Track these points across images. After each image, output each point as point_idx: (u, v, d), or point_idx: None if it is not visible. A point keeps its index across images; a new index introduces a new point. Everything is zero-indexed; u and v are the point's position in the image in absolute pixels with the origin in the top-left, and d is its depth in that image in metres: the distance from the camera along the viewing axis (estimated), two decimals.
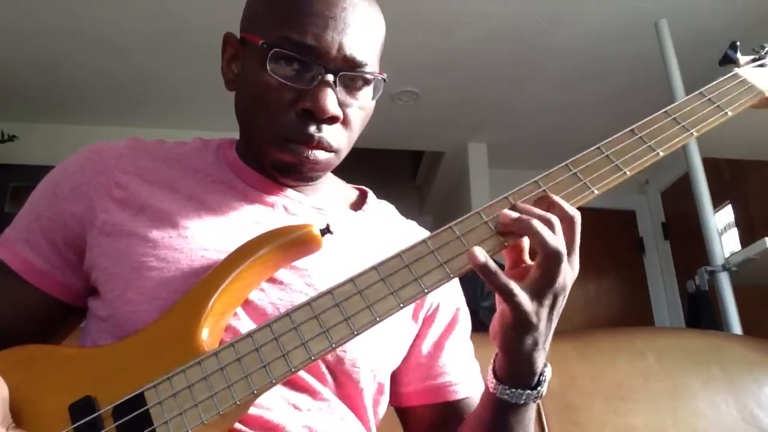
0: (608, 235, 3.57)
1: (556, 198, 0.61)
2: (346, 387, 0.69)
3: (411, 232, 0.83)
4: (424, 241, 0.60)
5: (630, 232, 3.85)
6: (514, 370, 0.63)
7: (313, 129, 0.67)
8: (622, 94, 3.12)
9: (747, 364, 1.23)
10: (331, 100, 0.66)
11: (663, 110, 0.69)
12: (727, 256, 1.79)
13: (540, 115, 3.35)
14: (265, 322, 0.59)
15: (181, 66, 2.94)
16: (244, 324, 0.64)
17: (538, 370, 0.63)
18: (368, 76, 0.70)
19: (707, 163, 1.91)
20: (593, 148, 0.66)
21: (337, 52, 0.67)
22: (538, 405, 1.12)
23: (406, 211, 0.90)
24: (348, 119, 0.70)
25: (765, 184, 2.72)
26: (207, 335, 0.59)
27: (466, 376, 0.79)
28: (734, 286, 1.76)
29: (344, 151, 0.73)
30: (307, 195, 0.77)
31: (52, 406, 0.56)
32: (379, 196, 0.86)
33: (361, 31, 0.69)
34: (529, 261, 0.63)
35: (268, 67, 0.66)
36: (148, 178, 0.72)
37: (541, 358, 0.62)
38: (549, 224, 0.58)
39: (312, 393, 0.66)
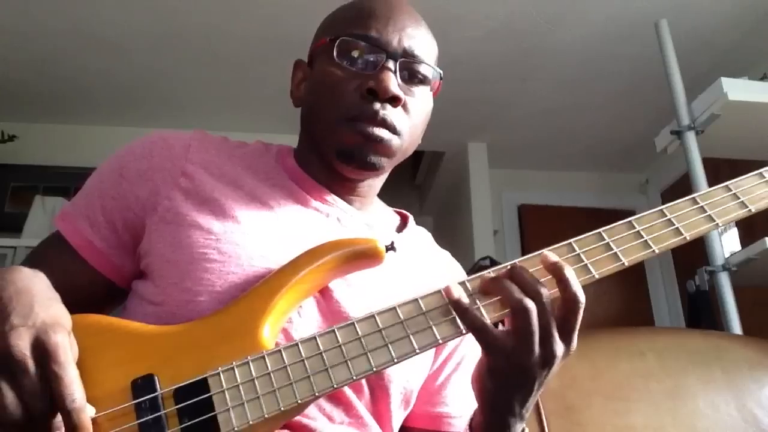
0: None
1: (568, 274, 0.59)
2: (379, 402, 0.69)
3: (445, 261, 0.86)
4: (486, 273, 0.63)
5: None
6: (488, 428, 0.64)
7: (377, 107, 0.72)
8: (622, 94, 3.12)
9: (747, 364, 1.23)
10: (393, 81, 0.72)
11: (723, 184, 0.72)
12: (727, 256, 1.78)
13: (540, 115, 3.35)
14: (328, 327, 0.60)
15: (182, 66, 2.94)
16: (296, 327, 0.65)
17: None
18: (426, 68, 0.77)
19: (707, 163, 1.90)
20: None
21: (398, 43, 0.74)
22: (538, 405, 1.13)
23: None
24: (408, 106, 0.75)
25: None
26: (268, 332, 0.60)
27: (467, 412, 0.78)
28: (734, 286, 1.75)
29: (405, 139, 0.76)
30: (359, 211, 0.79)
31: (114, 378, 0.56)
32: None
33: (417, 33, 0.77)
34: None
35: (335, 56, 0.73)
36: (213, 172, 0.73)
37: (515, 424, 0.63)
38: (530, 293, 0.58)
39: (347, 406, 0.67)
